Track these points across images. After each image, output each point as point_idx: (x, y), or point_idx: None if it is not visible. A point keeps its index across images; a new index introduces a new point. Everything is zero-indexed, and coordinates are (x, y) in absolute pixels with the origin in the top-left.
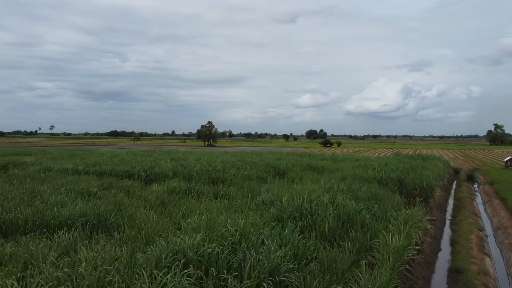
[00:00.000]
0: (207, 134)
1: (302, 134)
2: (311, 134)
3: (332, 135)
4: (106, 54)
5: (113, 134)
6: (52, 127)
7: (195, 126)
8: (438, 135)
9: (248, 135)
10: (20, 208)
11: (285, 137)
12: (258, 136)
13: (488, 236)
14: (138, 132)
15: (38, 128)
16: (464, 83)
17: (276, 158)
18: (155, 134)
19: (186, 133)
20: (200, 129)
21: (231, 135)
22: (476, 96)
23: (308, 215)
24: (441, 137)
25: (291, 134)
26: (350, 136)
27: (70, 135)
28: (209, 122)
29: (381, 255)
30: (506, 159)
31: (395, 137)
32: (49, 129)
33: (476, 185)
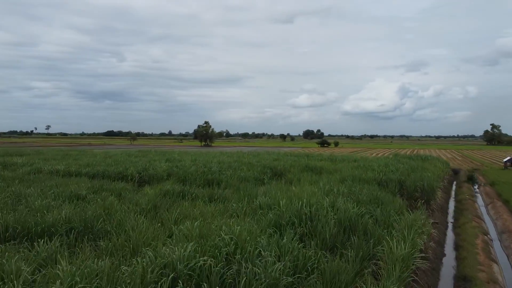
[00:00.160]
0: (204, 134)
1: (299, 134)
2: (308, 134)
3: (329, 135)
4: (103, 54)
5: (110, 134)
6: (49, 127)
7: (192, 126)
8: (435, 135)
9: (245, 135)
10: (2, 214)
11: (282, 137)
12: (255, 136)
13: (493, 240)
14: (135, 132)
15: (34, 128)
16: (461, 83)
17: (274, 159)
18: (152, 134)
19: (183, 133)
20: (197, 129)
21: (228, 135)
22: (473, 96)
23: (308, 221)
24: (438, 137)
25: (288, 134)
26: (347, 136)
27: (67, 135)
28: (206, 122)
29: (386, 265)
30: (505, 160)
31: (392, 137)
32: (45, 129)
33: (476, 186)
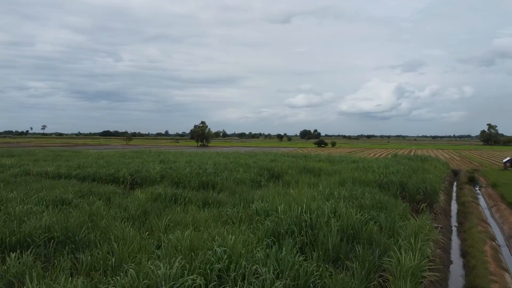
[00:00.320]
0: (200, 134)
1: (296, 134)
2: (305, 134)
3: (326, 135)
4: (99, 54)
5: (106, 134)
6: (44, 127)
7: (189, 126)
8: (431, 135)
9: (242, 135)
10: None
11: (279, 137)
12: (252, 136)
13: (501, 246)
14: (131, 132)
15: (30, 128)
16: (457, 84)
17: (271, 160)
18: (149, 134)
19: (180, 133)
20: (193, 129)
21: (225, 135)
22: (469, 97)
23: (308, 229)
24: (434, 137)
25: (285, 134)
26: (344, 136)
27: (62, 135)
28: (202, 122)
29: (395, 278)
30: (505, 160)
31: (389, 137)
32: (41, 129)
33: (478, 188)
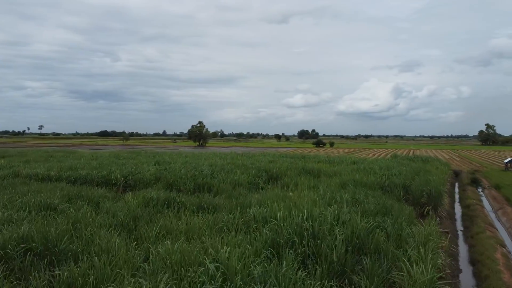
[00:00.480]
0: (198, 134)
1: (294, 134)
2: (303, 134)
3: (324, 135)
4: (97, 54)
5: (103, 134)
6: (41, 127)
7: (187, 126)
8: (429, 135)
9: (240, 135)
10: None
11: (277, 137)
12: (250, 136)
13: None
14: (129, 132)
15: (27, 128)
16: (454, 84)
17: (269, 161)
18: (146, 134)
19: (178, 133)
20: (191, 129)
21: (223, 135)
22: (466, 97)
23: (310, 239)
24: (432, 137)
25: (283, 134)
26: (342, 136)
27: (59, 135)
28: (200, 122)
29: None
30: (506, 161)
31: (387, 137)
32: (38, 129)
33: (480, 189)
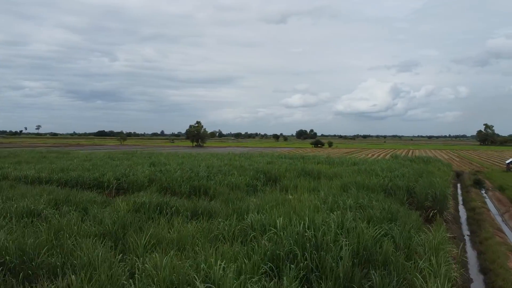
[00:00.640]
0: (196, 135)
1: (292, 134)
2: (301, 134)
3: (322, 135)
4: (95, 53)
5: (101, 134)
6: (39, 127)
7: (185, 126)
8: (427, 135)
9: (238, 135)
10: None
11: (275, 137)
12: (248, 136)
13: None
14: (126, 132)
15: (24, 128)
16: (452, 84)
17: (267, 162)
18: (144, 134)
19: (176, 133)
20: (189, 129)
21: (221, 135)
22: (463, 97)
23: (313, 250)
24: (430, 137)
25: (281, 134)
26: (340, 136)
27: (57, 135)
28: (198, 122)
29: None
30: (508, 161)
31: (385, 137)
32: (36, 129)
33: (484, 191)
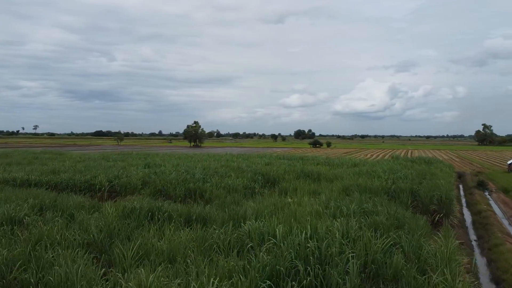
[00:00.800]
0: (193, 135)
1: (290, 134)
2: (300, 134)
3: (320, 135)
4: (93, 53)
5: (99, 134)
6: (36, 127)
7: (183, 126)
8: (425, 135)
9: (236, 135)
10: None
11: (274, 137)
12: (246, 136)
13: None
14: (124, 132)
15: (21, 128)
16: (450, 84)
17: (265, 163)
18: (142, 134)
19: (174, 133)
20: (186, 129)
21: (219, 135)
22: (461, 97)
23: (317, 264)
24: (428, 137)
25: (279, 134)
26: (338, 136)
27: (54, 135)
28: (195, 122)
29: None
30: (510, 162)
31: (383, 137)
32: (33, 129)
33: (487, 193)
